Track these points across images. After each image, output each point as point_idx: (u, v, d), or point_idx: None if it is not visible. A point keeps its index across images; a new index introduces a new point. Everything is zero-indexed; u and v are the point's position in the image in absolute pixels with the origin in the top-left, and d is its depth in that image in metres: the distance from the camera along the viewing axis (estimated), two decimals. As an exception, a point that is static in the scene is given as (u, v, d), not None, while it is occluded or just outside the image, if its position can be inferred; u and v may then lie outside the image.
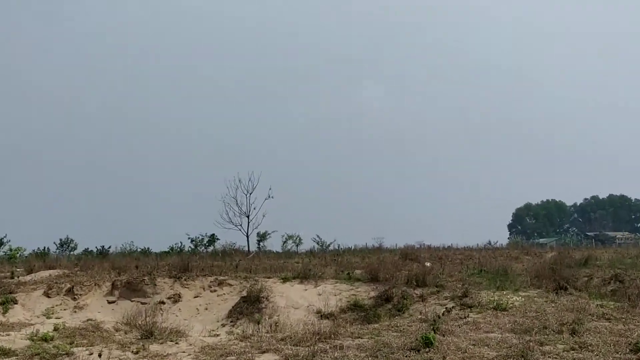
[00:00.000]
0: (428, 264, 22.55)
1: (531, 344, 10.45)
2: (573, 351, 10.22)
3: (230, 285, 19.91)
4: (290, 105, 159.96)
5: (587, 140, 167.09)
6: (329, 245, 43.94)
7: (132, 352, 11.47)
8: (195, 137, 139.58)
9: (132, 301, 19.00)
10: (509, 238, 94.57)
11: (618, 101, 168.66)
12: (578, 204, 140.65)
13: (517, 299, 15.60)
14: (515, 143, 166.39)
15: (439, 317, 13.68)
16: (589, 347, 10.39)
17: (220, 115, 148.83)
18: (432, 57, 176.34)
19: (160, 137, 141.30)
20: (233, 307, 18.10)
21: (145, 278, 19.99)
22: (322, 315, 16.95)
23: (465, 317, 13.64)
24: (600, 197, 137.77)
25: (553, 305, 14.55)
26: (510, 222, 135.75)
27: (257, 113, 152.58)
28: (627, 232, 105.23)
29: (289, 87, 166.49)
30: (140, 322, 14.86)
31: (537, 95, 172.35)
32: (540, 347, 10.38)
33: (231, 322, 17.34)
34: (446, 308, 15.03)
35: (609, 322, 12.61)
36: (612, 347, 10.34)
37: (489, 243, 45.45)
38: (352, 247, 36.92)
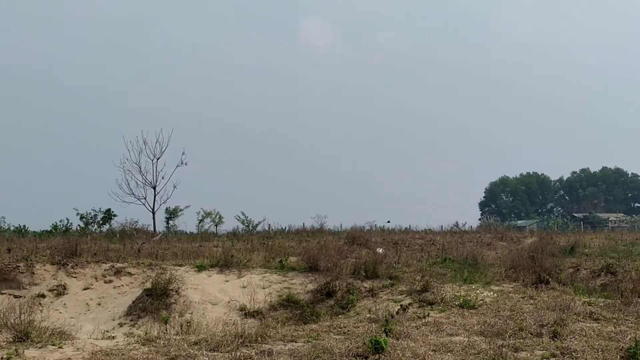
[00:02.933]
0: (380, 251, 22.84)
1: (504, 349, 10.62)
2: (554, 358, 10.42)
3: (131, 274, 19.74)
4: (209, 49, 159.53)
5: (576, 102, 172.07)
6: (257, 225, 44.00)
7: (2, 358, 11.26)
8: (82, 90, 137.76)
9: (2, 294, 18.65)
10: (480, 219, 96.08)
11: (612, 57, 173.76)
12: (565, 179, 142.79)
13: (489, 294, 15.90)
14: (491, 104, 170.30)
15: (393, 317, 13.78)
16: (573, 353, 10.58)
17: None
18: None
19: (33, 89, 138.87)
20: (134, 302, 17.95)
21: (20, 265, 19.62)
22: (246, 313, 17.01)
23: (424, 317, 13.77)
24: (592, 171, 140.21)
25: (531, 302, 14.86)
26: (483, 199, 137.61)
27: (169, 58, 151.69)
28: (621, 214, 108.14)
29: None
30: (13, 321, 14.55)
31: (516, 51, 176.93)
32: (515, 354, 10.55)
33: (131, 321, 17.20)
34: (401, 305, 15.20)
35: (598, 323, 12.92)
36: (600, 353, 10.55)
37: (456, 225, 46.17)
38: (287, 229, 36.98)
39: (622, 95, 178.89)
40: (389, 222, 41.82)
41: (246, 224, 44.31)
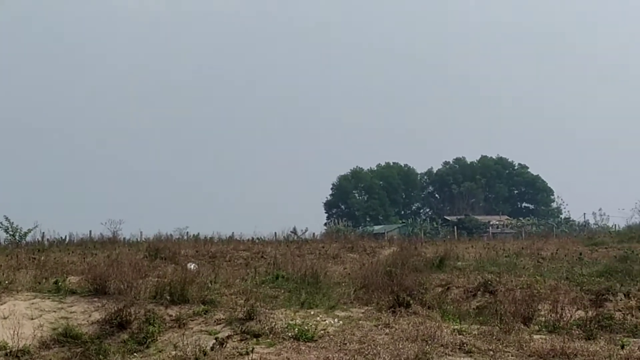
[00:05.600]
0: (192, 266, 22.71)
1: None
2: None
3: None
4: None
5: (450, 73, 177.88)
6: (25, 234, 42.45)
7: None
8: None
9: None
10: (326, 224, 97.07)
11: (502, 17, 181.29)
12: (434, 172, 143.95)
13: (333, 322, 16.11)
14: (337, 75, 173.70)
15: (206, 354, 13.87)
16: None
17: None
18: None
19: None
20: None
21: None
22: (8, 353, 16.21)
23: (247, 353, 13.80)
24: (468, 161, 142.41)
25: (387, 331, 15.12)
26: (330, 198, 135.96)
27: None
28: (505, 216, 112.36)
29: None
30: None
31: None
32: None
33: None
34: (218, 338, 15.14)
35: (470, 356, 13.31)
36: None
37: (294, 232, 47.40)
38: (67, 239, 36.46)
39: (506, 65, 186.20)
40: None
41: (11, 233, 42.73)
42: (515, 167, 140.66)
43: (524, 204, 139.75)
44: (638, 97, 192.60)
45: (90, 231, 37.99)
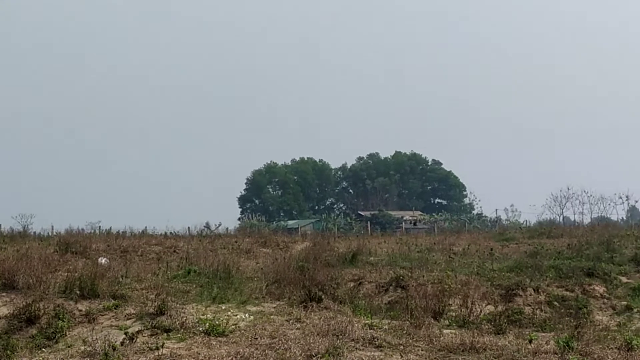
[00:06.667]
0: (103, 261, 22.50)
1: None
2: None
3: None
4: None
5: (363, 71, 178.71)
6: None
7: None
8: None
9: None
10: (240, 219, 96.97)
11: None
12: (349, 167, 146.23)
13: (244, 317, 16.12)
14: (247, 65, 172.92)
15: (115, 349, 13.67)
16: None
17: None
18: None
19: None
20: None
21: None
22: None
23: (157, 348, 13.68)
24: (382, 157, 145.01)
25: (298, 326, 15.21)
26: (244, 192, 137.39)
27: None
28: (418, 212, 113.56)
29: None
30: None
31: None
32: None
33: None
34: (127, 333, 14.98)
35: (381, 351, 13.34)
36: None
37: (207, 227, 47.27)
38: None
39: (421, 60, 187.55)
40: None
41: None
42: (429, 163, 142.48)
43: (437, 200, 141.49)
44: (545, 94, 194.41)
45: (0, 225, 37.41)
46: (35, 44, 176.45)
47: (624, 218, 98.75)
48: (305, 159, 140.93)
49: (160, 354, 13.21)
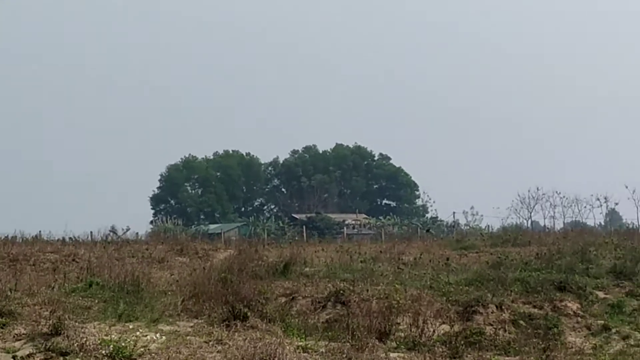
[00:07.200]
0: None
1: None
2: None
3: None
4: None
5: (301, 52, 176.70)
6: None
7: None
8: None
9: None
10: (152, 222, 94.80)
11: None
12: (281, 162, 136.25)
13: (156, 337, 15.59)
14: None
15: None
16: None
17: None
18: None
19: None
20: None
21: None
22: None
23: (52, 374, 13.19)
24: (321, 150, 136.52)
25: (220, 348, 14.95)
26: (157, 192, 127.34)
27: None
28: (363, 215, 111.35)
29: None
30: None
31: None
32: None
33: None
34: (16, 357, 14.68)
35: (316, 377, 12.98)
36: None
37: (113, 232, 46.09)
38: None
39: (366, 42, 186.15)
40: None
41: None
42: (375, 158, 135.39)
43: (385, 201, 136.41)
44: (510, 87, 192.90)
45: None
46: None
47: (602, 223, 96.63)
48: (230, 152, 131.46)
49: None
